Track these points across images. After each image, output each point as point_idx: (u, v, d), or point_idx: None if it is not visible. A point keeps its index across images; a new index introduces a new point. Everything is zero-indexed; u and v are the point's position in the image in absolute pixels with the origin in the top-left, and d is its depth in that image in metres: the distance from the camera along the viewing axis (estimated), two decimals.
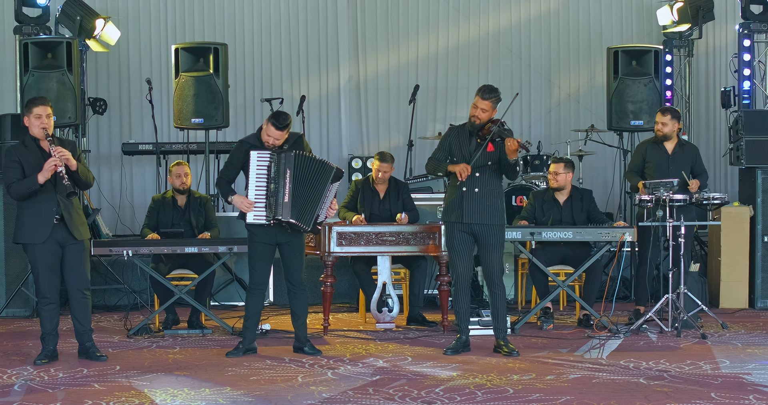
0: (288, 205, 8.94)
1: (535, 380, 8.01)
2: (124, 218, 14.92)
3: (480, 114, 9.11)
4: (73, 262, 8.82)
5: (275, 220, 8.95)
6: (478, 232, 9.15)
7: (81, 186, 8.88)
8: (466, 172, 9.03)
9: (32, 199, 8.66)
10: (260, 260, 9.17)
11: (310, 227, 9.09)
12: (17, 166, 8.65)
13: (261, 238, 9.10)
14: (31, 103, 8.74)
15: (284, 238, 9.12)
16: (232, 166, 9.17)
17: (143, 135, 15.00)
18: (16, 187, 8.63)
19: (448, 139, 9.37)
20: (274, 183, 8.95)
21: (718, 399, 7.34)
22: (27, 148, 8.73)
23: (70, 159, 8.59)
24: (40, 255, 8.71)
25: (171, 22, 15.50)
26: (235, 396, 7.54)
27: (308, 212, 9.03)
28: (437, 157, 9.39)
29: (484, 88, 9.16)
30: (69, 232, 8.72)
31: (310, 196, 9.04)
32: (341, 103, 15.73)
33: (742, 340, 9.86)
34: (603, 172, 15.33)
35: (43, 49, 12.31)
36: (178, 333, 10.32)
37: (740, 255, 12.18)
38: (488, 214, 9.13)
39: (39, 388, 7.87)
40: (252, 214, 9.01)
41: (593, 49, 15.62)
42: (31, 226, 8.67)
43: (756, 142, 12.30)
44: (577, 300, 10.61)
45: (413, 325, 10.85)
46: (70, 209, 8.72)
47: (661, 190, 10.16)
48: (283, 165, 8.96)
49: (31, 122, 8.69)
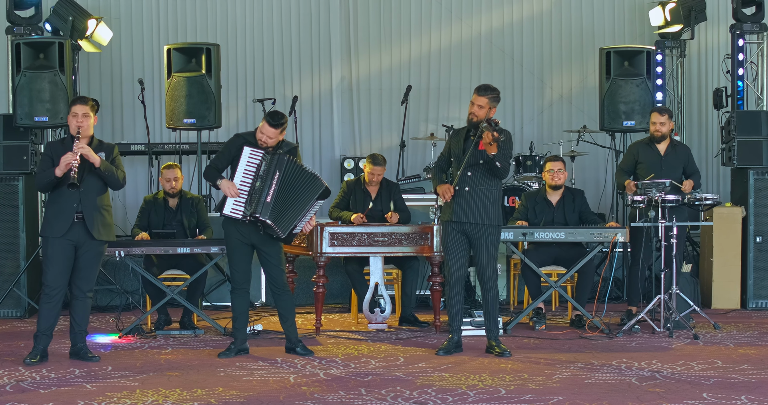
0: (269, 205, 8.91)
1: (527, 381, 8.01)
2: (116, 219, 14.72)
3: (477, 111, 9.12)
4: (85, 264, 8.91)
5: (252, 217, 8.93)
6: (470, 232, 9.16)
7: (110, 185, 9.02)
8: (448, 193, 9.10)
9: (56, 194, 8.85)
10: (239, 260, 9.18)
11: (285, 234, 9.04)
12: (48, 159, 8.89)
13: (236, 237, 9.10)
14: (72, 102, 9.11)
15: (258, 241, 9.10)
16: (224, 157, 9.17)
17: (135, 135, 15.00)
18: (37, 178, 8.96)
19: (449, 142, 9.45)
20: (261, 181, 8.94)
21: (710, 399, 7.34)
22: (63, 144, 8.98)
23: (90, 155, 8.77)
24: (52, 250, 8.83)
25: (163, 22, 15.49)
26: (227, 397, 7.54)
27: (287, 219, 9.00)
28: (440, 164, 9.50)
29: (482, 86, 9.20)
30: (88, 232, 8.80)
31: (293, 204, 9.02)
32: (334, 103, 15.72)
33: (734, 341, 9.87)
34: (595, 173, 15.32)
35: (35, 50, 12.28)
36: (170, 333, 10.32)
37: (732, 255, 12.20)
38: (479, 213, 9.13)
39: (30, 388, 7.86)
40: (231, 206, 8.98)
41: (585, 50, 15.63)
42: (51, 220, 8.83)
43: (748, 142, 12.31)
44: (570, 300, 10.62)
45: (405, 325, 10.85)
46: (92, 208, 8.84)
47: (653, 191, 10.17)
48: (274, 166, 8.95)
49: (69, 120, 8.99)
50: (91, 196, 8.82)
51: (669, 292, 10.18)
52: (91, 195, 8.82)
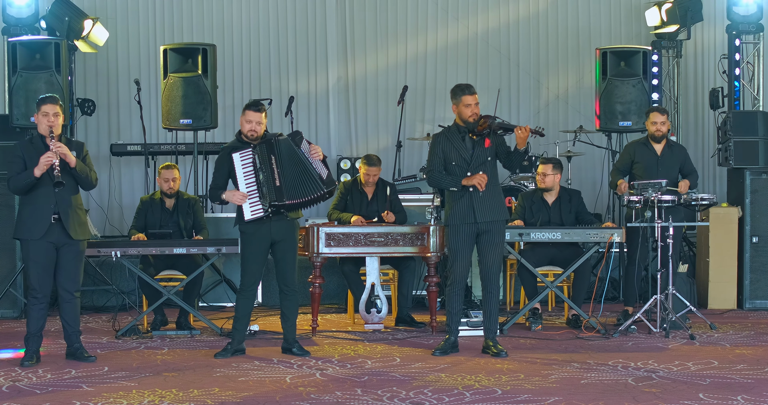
0: (280, 189, 8.95)
1: (523, 381, 8.01)
2: (112, 219, 14.91)
3: (477, 109, 9.15)
4: (67, 264, 8.85)
5: (273, 207, 8.95)
6: (487, 230, 9.16)
7: (83, 185, 8.96)
8: (484, 181, 9.07)
9: (31, 195, 8.75)
10: (253, 262, 9.16)
11: (325, 188, 9.06)
12: (20, 160, 8.76)
13: (255, 239, 9.08)
14: (41, 101, 8.89)
15: (279, 236, 9.10)
16: (219, 173, 9.20)
17: (132, 136, 14.98)
18: (14, 181, 8.75)
19: (439, 147, 9.33)
20: (263, 172, 8.97)
21: (707, 399, 7.35)
22: (33, 144, 8.85)
23: (68, 155, 8.68)
24: (34, 253, 8.76)
25: (159, 22, 15.47)
26: (224, 397, 7.53)
27: (308, 183, 9.03)
28: (436, 168, 9.36)
29: (464, 86, 9.21)
30: (66, 232, 8.75)
31: (298, 169, 9.04)
32: (330, 103, 15.71)
33: (730, 341, 9.88)
34: (591, 173, 15.33)
35: (32, 50, 12.27)
36: (167, 334, 10.31)
37: (729, 256, 12.21)
38: (496, 210, 9.20)
39: (27, 389, 7.86)
40: (249, 210, 9.00)
41: (582, 50, 15.64)
42: (29, 222, 8.74)
43: (744, 142, 12.33)
44: (566, 301, 10.63)
45: (402, 326, 10.85)
46: (68, 208, 8.78)
47: (650, 191, 10.17)
48: (266, 152, 8.99)
49: (39, 120, 8.83)
50: (66, 197, 8.76)
51: (665, 292, 10.18)
52: (66, 195, 8.75)
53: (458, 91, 9.20)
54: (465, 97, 9.15)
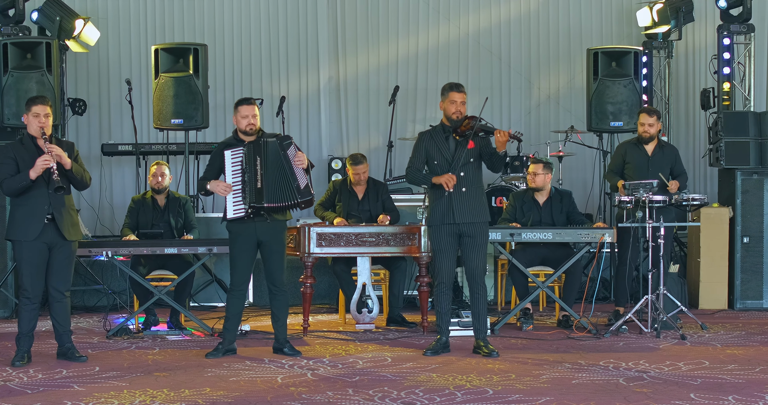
0: (261, 191, 8.98)
1: (514, 381, 8.02)
2: (103, 219, 14.90)
3: (462, 108, 9.14)
4: (59, 264, 8.83)
5: (252, 208, 8.96)
6: (467, 232, 9.15)
7: (77, 186, 8.95)
8: (452, 182, 9.05)
9: (25, 196, 8.71)
10: (241, 261, 9.17)
11: (299, 198, 9.05)
12: (12, 162, 8.72)
13: (242, 238, 9.11)
14: (31, 101, 8.84)
15: (265, 236, 9.11)
16: (211, 168, 9.25)
17: (123, 136, 14.97)
18: (8, 183, 8.69)
19: (423, 145, 9.34)
20: (248, 173, 9.00)
21: (698, 399, 7.35)
22: (24, 145, 8.81)
23: (63, 157, 8.67)
24: (27, 253, 8.74)
25: (150, 22, 15.46)
26: (215, 397, 7.53)
27: (286, 189, 9.03)
28: (416, 166, 9.37)
29: (454, 84, 9.22)
30: (59, 233, 8.74)
31: (279, 174, 9.05)
32: (321, 103, 15.71)
33: (721, 341, 9.89)
34: (583, 174, 15.34)
35: (23, 50, 12.26)
36: (158, 334, 10.30)
37: (719, 256, 12.22)
38: (476, 211, 9.17)
39: (18, 389, 7.84)
40: (231, 208, 9.03)
41: (573, 50, 15.65)
42: (22, 224, 8.71)
43: (735, 143, 12.34)
44: (557, 301, 10.63)
45: (393, 326, 10.85)
46: (61, 209, 8.76)
47: (641, 191, 10.18)
48: (253, 154, 9.02)
49: (29, 120, 8.77)
50: (60, 198, 8.73)
51: (656, 292, 10.19)
52: (60, 196, 8.74)
53: (447, 88, 9.22)
54: (452, 93, 9.16)
